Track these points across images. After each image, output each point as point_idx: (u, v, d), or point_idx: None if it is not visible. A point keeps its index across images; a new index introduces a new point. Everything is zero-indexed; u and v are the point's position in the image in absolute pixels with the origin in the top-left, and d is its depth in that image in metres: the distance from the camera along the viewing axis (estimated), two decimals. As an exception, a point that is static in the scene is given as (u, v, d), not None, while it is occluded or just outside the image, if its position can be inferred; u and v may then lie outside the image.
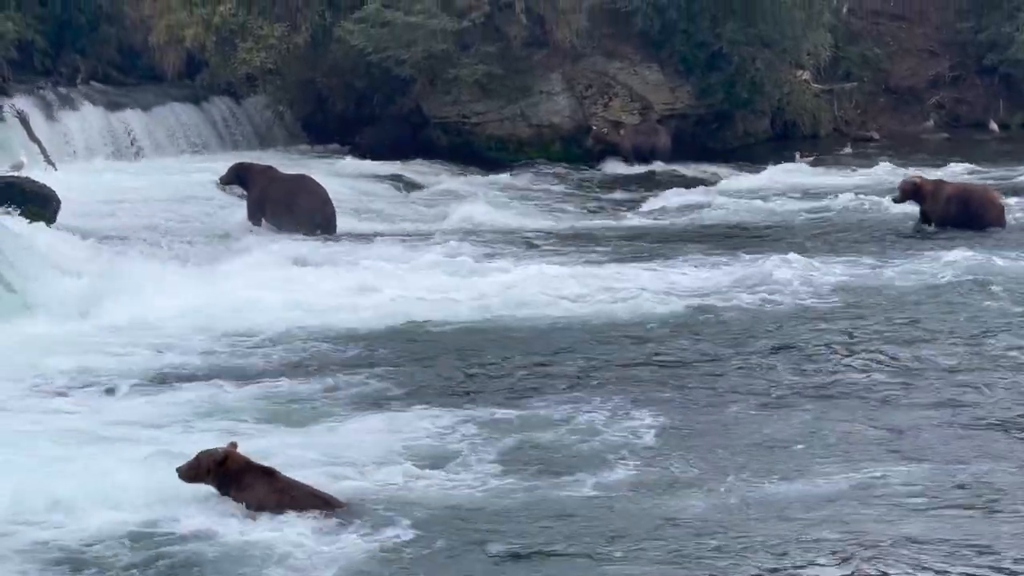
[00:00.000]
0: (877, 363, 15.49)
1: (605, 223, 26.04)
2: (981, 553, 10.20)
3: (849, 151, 34.92)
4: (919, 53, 39.41)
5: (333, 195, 25.07)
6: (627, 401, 14.10)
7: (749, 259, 21.26)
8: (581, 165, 32.34)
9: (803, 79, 36.80)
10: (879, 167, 30.99)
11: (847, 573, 9.86)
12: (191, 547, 10.64)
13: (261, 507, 11.20)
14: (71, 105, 30.78)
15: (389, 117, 33.37)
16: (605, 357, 16.03)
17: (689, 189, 28.97)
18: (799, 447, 12.70)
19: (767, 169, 31.15)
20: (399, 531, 10.84)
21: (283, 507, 11.15)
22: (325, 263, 21.33)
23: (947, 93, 38.84)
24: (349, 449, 12.69)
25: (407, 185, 29.49)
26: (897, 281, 19.89)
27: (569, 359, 15.98)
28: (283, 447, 12.60)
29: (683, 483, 11.84)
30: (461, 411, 13.87)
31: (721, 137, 34.94)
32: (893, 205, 24.88)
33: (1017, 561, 10.02)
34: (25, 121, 29.17)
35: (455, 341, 16.96)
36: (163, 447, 12.42)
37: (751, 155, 32.45)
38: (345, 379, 15.14)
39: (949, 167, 30.11)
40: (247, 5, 32.17)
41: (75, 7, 33.54)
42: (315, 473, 11.89)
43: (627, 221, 26.33)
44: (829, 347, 16.20)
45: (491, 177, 30.33)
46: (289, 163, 28.86)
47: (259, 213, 24.55)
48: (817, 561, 10.07)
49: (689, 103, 34.31)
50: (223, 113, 33.45)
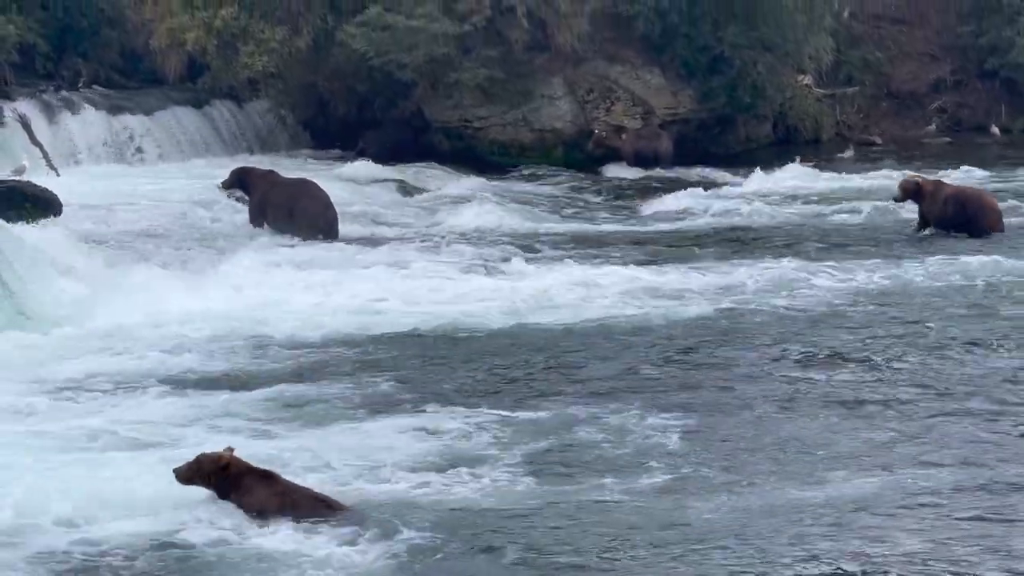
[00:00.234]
0: (902, 368, 15.44)
1: (614, 228, 26.01)
2: (1006, 558, 10.16)
3: (851, 155, 34.90)
4: (920, 57, 39.38)
5: (335, 199, 25.06)
6: (651, 404, 14.05)
7: (764, 263, 21.30)
8: (583, 170, 32.28)
9: (805, 83, 36.78)
10: (882, 171, 30.95)
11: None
12: (198, 553, 10.62)
13: (262, 511, 11.19)
14: (73, 109, 30.74)
15: (391, 121, 33.34)
16: (628, 360, 16.01)
17: (692, 193, 28.91)
18: (823, 452, 12.67)
19: (769, 173, 31.10)
20: (413, 535, 10.81)
21: (284, 510, 11.14)
22: (330, 267, 21.34)
23: (949, 97, 38.81)
24: (370, 452, 12.67)
25: (409, 189, 29.44)
26: (922, 285, 19.85)
27: (592, 362, 15.98)
28: (299, 450, 12.59)
29: (708, 488, 11.81)
30: (486, 413, 13.85)
31: (723, 142, 34.87)
32: (901, 208, 24.85)
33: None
34: (27, 125, 29.17)
35: (474, 345, 16.97)
36: (174, 452, 12.37)
37: (753, 159, 32.37)
38: (364, 382, 15.13)
39: (960, 170, 30.32)
40: (249, 9, 32.14)
41: (77, 11, 33.54)
42: (338, 476, 11.92)
43: (634, 226, 26.30)
44: (854, 351, 16.15)
45: (494, 182, 30.31)
46: (291, 167, 28.86)
47: (260, 217, 24.54)
48: (844, 568, 10.02)
49: (691, 107, 34.25)
50: (225, 117, 33.41)
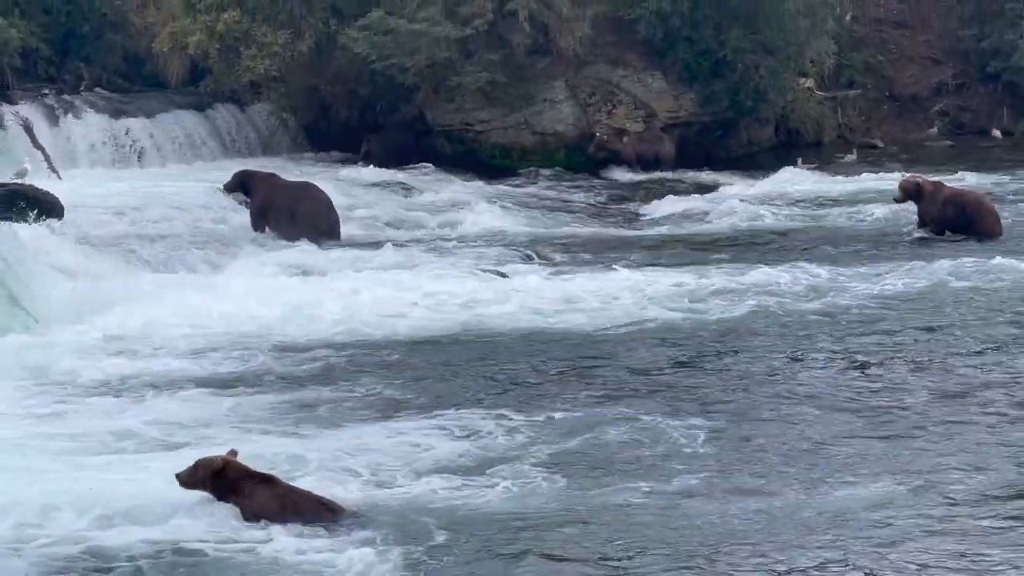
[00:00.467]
0: (924, 371, 15.40)
1: (619, 231, 26.06)
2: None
3: (853, 158, 34.90)
4: (922, 61, 39.41)
5: (336, 202, 25.07)
6: (674, 408, 14.03)
7: (774, 266, 21.30)
8: (585, 173, 32.29)
9: (807, 87, 36.79)
10: (884, 174, 30.97)
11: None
12: (202, 558, 10.62)
13: (261, 514, 11.19)
14: (75, 112, 30.73)
15: (393, 125, 33.36)
16: (652, 362, 16.01)
17: (695, 197, 28.94)
18: (848, 455, 12.61)
19: (771, 176, 31.14)
20: (432, 538, 10.83)
21: (284, 513, 11.15)
22: (332, 269, 21.34)
23: (950, 100, 38.84)
24: (383, 456, 12.67)
25: (411, 192, 29.46)
26: (941, 288, 19.79)
27: (612, 365, 15.95)
28: (309, 452, 12.61)
29: (733, 491, 11.78)
30: (507, 416, 13.83)
31: (725, 145, 34.88)
32: (905, 210, 24.86)
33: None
34: (29, 128, 29.18)
35: (490, 348, 16.96)
36: (181, 455, 12.34)
37: (755, 163, 32.42)
38: (379, 385, 15.15)
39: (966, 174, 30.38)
40: (251, 13, 32.17)
41: (79, 14, 33.54)
42: (361, 478, 11.97)
43: (639, 229, 26.33)
44: (877, 354, 16.13)
45: (496, 185, 30.31)
46: (293, 170, 28.87)
47: (262, 220, 24.55)
48: (876, 572, 10.02)
49: (693, 111, 34.26)
50: (227, 120, 33.40)
